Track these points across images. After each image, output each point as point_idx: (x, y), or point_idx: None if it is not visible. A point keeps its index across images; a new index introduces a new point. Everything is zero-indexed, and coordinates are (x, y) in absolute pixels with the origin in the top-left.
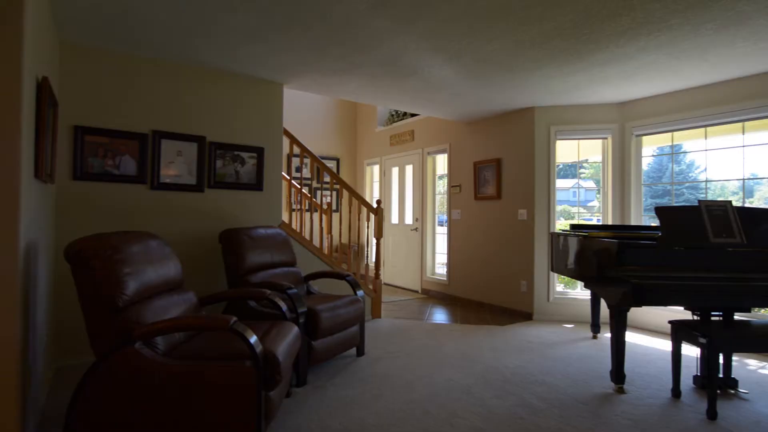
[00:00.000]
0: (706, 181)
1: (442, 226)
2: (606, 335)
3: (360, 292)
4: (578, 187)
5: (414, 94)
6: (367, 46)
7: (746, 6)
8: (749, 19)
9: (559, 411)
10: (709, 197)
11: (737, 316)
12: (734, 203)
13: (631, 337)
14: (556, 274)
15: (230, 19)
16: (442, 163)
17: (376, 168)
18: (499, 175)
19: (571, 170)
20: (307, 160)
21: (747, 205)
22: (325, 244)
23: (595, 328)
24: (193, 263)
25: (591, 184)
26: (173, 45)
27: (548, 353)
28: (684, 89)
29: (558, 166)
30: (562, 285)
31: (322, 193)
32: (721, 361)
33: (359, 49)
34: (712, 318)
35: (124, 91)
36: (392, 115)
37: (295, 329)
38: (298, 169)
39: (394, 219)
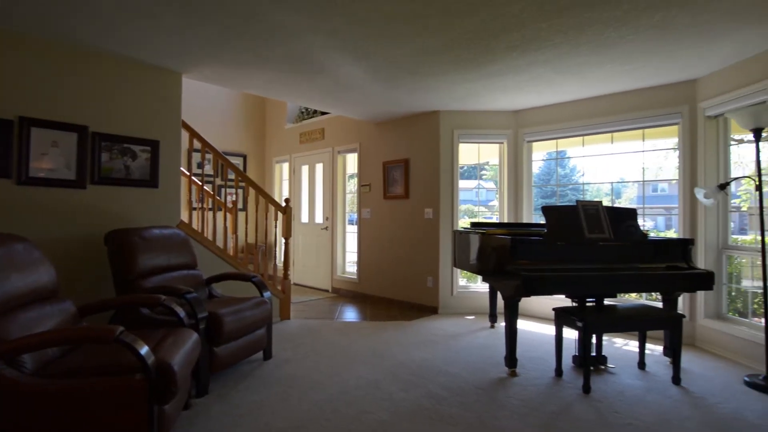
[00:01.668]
0: (584, 183)
1: (352, 225)
2: (502, 324)
3: (267, 294)
4: (480, 188)
5: (324, 92)
6: (273, 40)
7: (613, 33)
8: (615, 45)
9: (460, 398)
10: (587, 198)
11: (606, 302)
12: (605, 203)
13: (523, 324)
14: (459, 270)
15: None
16: (352, 162)
17: (286, 166)
18: (407, 175)
19: (474, 172)
20: (209, 156)
21: (616, 204)
22: (230, 244)
23: (493, 318)
24: (72, 269)
25: (491, 185)
26: (48, 20)
27: (451, 344)
28: (566, 102)
29: (462, 167)
30: (465, 279)
31: (226, 191)
32: (594, 341)
33: (265, 42)
34: (587, 304)
35: None
36: (302, 113)
37: (195, 336)
38: (200, 165)
39: (304, 218)
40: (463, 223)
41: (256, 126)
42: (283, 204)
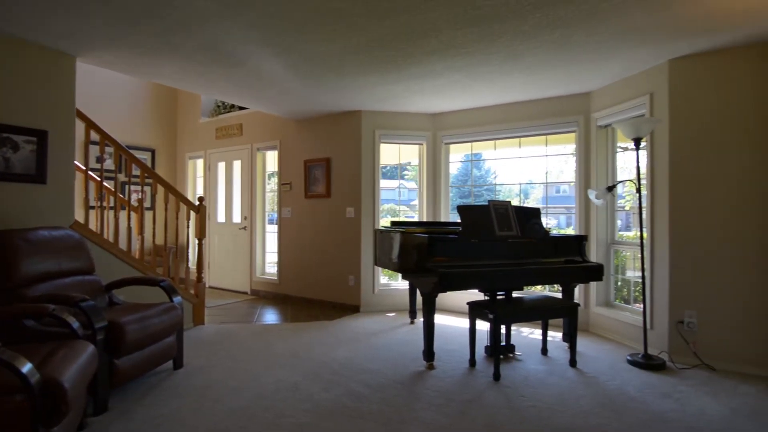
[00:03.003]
0: (497, 184)
1: (272, 224)
2: (422, 320)
3: (177, 298)
4: (402, 188)
5: (241, 86)
6: (186, 26)
7: (520, 45)
8: (522, 56)
9: (380, 394)
10: (501, 198)
11: (514, 294)
12: (515, 203)
13: (440, 319)
14: (380, 268)
15: None
16: (272, 159)
17: (200, 162)
18: (329, 174)
19: (396, 172)
20: (111, 150)
21: (525, 204)
22: (136, 246)
23: (413, 314)
24: None
25: (413, 184)
26: None
27: (372, 342)
28: (480, 107)
29: (384, 167)
30: (386, 278)
31: (130, 188)
32: (503, 331)
33: (177, 29)
34: (498, 297)
35: None
36: (218, 106)
37: (90, 348)
38: (99, 160)
39: (221, 217)
40: (386, 222)
41: (166, 119)
42: (197, 203)
